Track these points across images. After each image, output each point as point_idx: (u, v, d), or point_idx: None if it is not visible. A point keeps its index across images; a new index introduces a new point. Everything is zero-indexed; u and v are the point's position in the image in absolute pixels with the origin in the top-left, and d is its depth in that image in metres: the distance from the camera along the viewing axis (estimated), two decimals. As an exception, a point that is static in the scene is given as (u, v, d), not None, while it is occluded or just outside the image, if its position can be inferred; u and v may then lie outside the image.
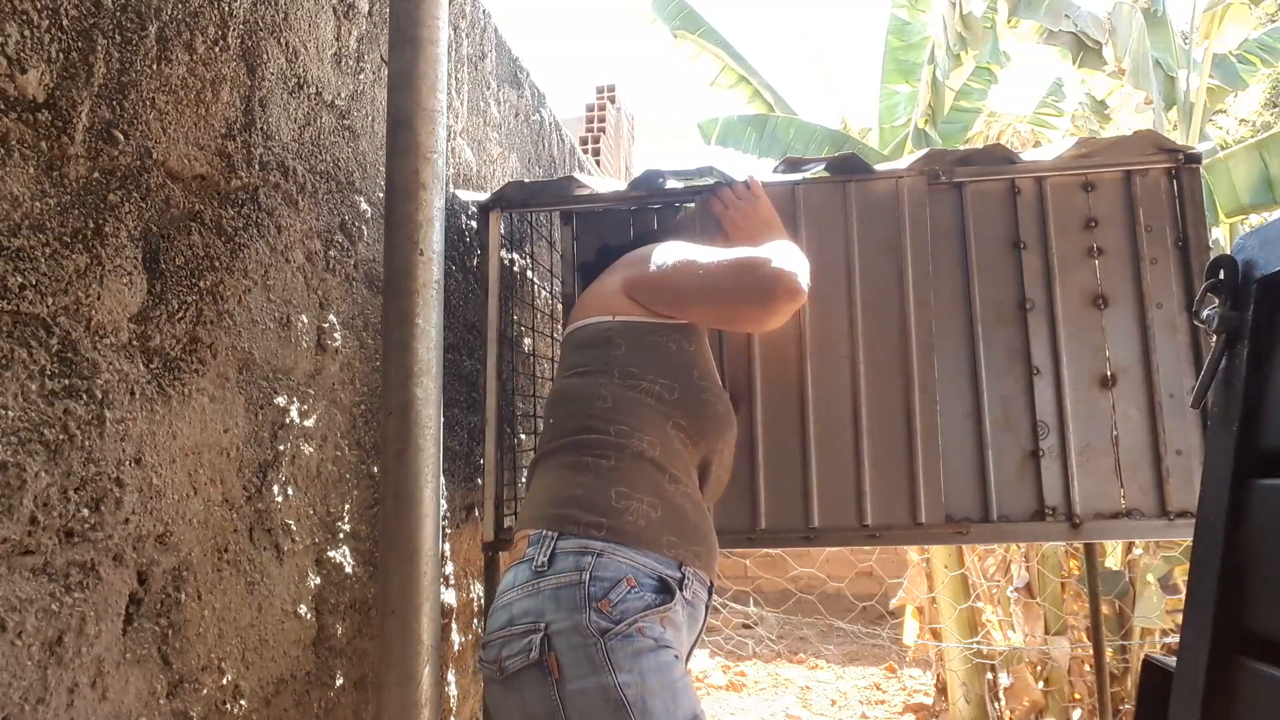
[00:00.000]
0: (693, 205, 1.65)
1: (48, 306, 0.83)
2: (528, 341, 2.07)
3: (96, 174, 0.90)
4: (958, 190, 1.63)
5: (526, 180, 1.84)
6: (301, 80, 1.28)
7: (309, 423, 1.28)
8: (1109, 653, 3.21)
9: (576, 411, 1.22)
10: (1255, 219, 4.27)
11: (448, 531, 1.75)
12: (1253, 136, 5.57)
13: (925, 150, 1.64)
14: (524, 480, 1.70)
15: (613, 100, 8.14)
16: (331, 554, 1.33)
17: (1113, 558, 3.41)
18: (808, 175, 1.65)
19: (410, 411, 1.20)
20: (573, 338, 1.31)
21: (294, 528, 1.24)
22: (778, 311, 1.19)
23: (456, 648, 1.80)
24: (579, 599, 1.03)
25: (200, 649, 1.04)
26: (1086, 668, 3.35)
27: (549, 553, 1.08)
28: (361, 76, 1.45)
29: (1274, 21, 7.65)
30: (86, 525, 0.87)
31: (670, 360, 1.24)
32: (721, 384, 1.37)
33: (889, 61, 5.20)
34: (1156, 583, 3.28)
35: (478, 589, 1.91)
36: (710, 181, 1.59)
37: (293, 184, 1.25)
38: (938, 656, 3.93)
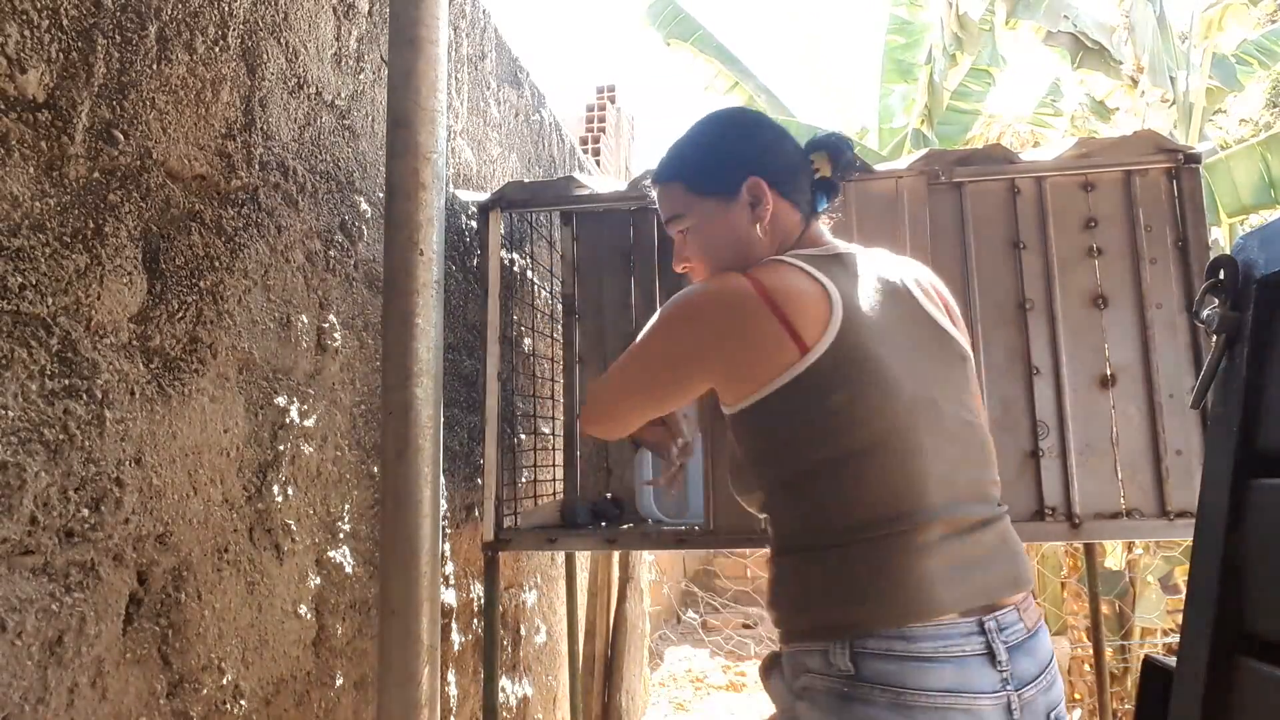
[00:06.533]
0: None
1: (48, 306, 0.83)
2: (528, 341, 2.06)
3: (96, 174, 0.90)
4: (958, 190, 1.63)
5: (526, 180, 1.84)
6: (301, 80, 1.28)
7: (309, 423, 1.28)
8: (1109, 653, 3.20)
9: None
10: (1255, 219, 4.27)
11: (448, 531, 1.75)
12: (1254, 136, 5.57)
13: (925, 150, 1.64)
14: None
15: (613, 100, 8.13)
16: (331, 554, 1.33)
17: (1113, 558, 3.41)
18: (808, 175, 1.65)
19: (410, 411, 1.20)
20: None
21: (294, 528, 1.23)
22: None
23: (456, 648, 1.80)
24: None
25: (200, 649, 1.04)
26: (1086, 668, 3.35)
27: None
28: (361, 76, 1.45)
29: (1274, 22, 7.64)
30: (86, 525, 0.87)
31: None
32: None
33: (888, 61, 5.20)
34: (1157, 583, 3.29)
35: (478, 589, 1.91)
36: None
37: (293, 184, 1.25)
38: (938, 657, 3.92)
